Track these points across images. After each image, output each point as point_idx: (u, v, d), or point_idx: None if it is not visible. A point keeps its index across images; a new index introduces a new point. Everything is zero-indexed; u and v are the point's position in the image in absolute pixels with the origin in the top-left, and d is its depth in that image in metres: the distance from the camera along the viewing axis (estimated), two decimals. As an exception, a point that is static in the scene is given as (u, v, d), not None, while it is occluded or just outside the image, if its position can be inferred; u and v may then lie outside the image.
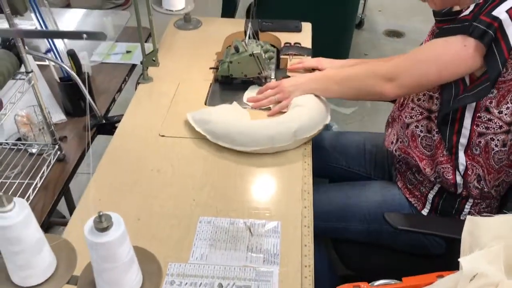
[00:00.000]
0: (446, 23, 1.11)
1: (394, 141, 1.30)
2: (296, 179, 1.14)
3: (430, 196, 1.23)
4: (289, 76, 1.49)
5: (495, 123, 1.10)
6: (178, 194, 1.09)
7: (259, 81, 1.44)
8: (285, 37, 1.72)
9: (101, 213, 0.55)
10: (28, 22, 1.79)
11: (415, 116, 1.22)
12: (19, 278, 0.62)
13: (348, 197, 1.32)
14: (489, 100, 1.08)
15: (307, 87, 1.30)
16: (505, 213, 0.79)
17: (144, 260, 0.66)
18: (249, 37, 1.47)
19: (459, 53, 1.04)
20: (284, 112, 1.29)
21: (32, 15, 1.38)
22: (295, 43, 1.66)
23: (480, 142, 1.13)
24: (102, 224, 0.55)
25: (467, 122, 1.12)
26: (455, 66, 1.05)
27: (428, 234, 1.14)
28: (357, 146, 1.50)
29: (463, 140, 1.14)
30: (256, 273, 0.92)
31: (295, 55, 1.61)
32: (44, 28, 1.37)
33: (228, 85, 1.45)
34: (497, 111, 1.08)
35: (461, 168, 1.15)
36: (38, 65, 1.43)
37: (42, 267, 0.63)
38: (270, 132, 1.18)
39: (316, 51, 1.66)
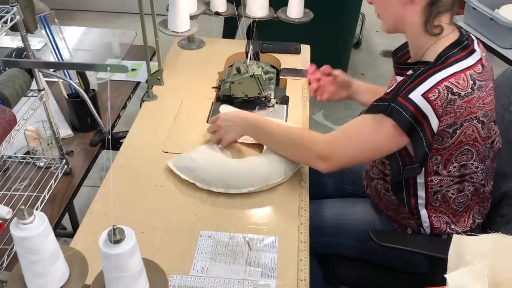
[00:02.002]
0: (404, 71, 1.14)
1: (366, 186, 1.37)
2: (293, 197, 1.19)
3: (409, 230, 1.28)
4: (287, 97, 1.55)
5: (446, 180, 1.15)
6: (180, 209, 1.14)
7: (259, 100, 1.50)
8: (284, 59, 1.78)
9: (115, 227, 0.60)
10: (37, 39, 1.86)
11: (375, 173, 1.29)
12: (35, 286, 0.67)
13: (340, 214, 1.37)
14: (436, 166, 1.13)
15: (241, 130, 1.28)
16: (489, 232, 0.84)
17: (152, 271, 0.70)
18: (250, 58, 1.53)
19: (388, 133, 1.06)
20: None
21: (43, 32, 1.44)
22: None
23: (437, 197, 1.18)
24: (116, 237, 0.60)
25: (421, 186, 1.17)
26: (386, 146, 1.09)
27: (409, 252, 1.19)
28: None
29: (421, 201, 1.19)
30: (254, 286, 0.96)
31: (294, 77, 1.68)
32: (54, 46, 1.43)
33: (229, 104, 1.51)
34: (446, 171, 1.13)
35: (425, 225, 1.21)
36: (46, 81, 1.49)
37: (57, 276, 0.67)
38: (263, 171, 1.19)
39: (314, 71, 1.72)
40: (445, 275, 0.78)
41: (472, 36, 1.12)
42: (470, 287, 0.78)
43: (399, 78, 1.15)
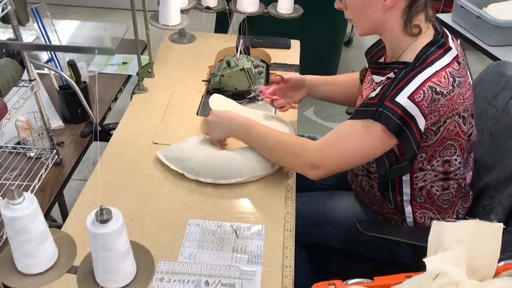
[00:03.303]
0: (380, 70, 1.17)
1: (351, 181, 1.40)
2: (280, 188, 1.22)
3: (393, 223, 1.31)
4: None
5: (430, 174, 1.18)
6: (169, 199, 1.16)
7: (249, 94, 1.52)
8: (275, 53, 1.81)
9: (102, 207, 0.62)
10: (29, 32, 1.87)
11: (360, 170, 1.31)
12: (24, 265, 0.68)
13: (328, 205, 1.39)
14: (420, 163, 1.16)
15: (227, 130, 1.26)
16: (467, 219, 0.87)
17: (139, 253, 0.72)
18: (240, 53, 1.55)
19: (377, 138, 1.08)
20: None
21: (35, 25, 1.46)
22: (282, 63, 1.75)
23: (422, 193, 1.21)
24: (103, 217, 0.62)
25: (406, 184, 1.20)
26: (376, 150, 1.11)
27: (394, 242, 1.22)
28: None
29: (406, 197, 1.22)
30: (240, 272, 0.99)
31: (284, 71, 1.70)
32: (46, 38, 1.44)
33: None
34: (430, 165, 1.17)
35: (409, 221, 1.25)
36: (38, 73, 1.50)
37: (45, 256, 0.69)
38: (252, 163, 1.21)
39: (305, 67, 1.75)
40: (424, 259, 0.81)
41: (446, 32, 1.15)
42: (447, 270, 0.80)
43: (376, 77, 1.18)
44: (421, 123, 1.05)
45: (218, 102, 1.42)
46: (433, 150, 1.14)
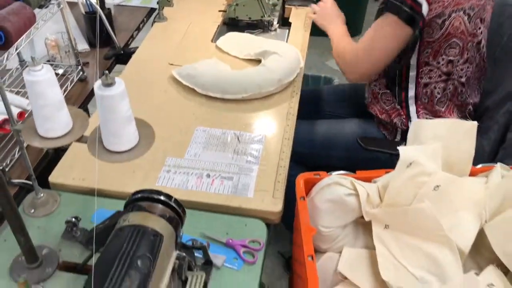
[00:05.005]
0: None
1: (367, 95, 1.47)
2: (284, 104, 1.30)
3: (398, 133, 1.37)
4: (290, 22, 1.63)
5: (435, 72, 1.26)
6: (180, 110, 1.26)
7: (262, 24, 1.59)
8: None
9: (106, 72, 0.72)
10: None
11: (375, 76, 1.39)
12: (44, 130, 0.80)
13: (332, 128, 1.47)
14: (426, 57, 1.24)
15: (327, 26, 1.45)
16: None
17: (142, 127, 0.83)
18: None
19: (396, 32, 1.18)
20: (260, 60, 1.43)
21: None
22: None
23: (426, 92, 1.29)
24: (107, 81, 0.72)
25: (412, 80, 1.29)
26: (396, 43, 1.20)
27: (394, 155, 1.29)
28: (342, 93, 1.66)
29: (411, 94, 1.30)
30: (239, 168, 1.09)
31: (299, 5, 1.75)
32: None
33: (234, 27, 1.61)
34: (435, 62, 1.25)
35: (414, 119, 1.31)
36: (67, 1, 1.61)
37: (62, 123, 0.80)
38: (257, 80, 1.29)
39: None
40: (398, 147, 0.88)
41: None
42: (420, 160, 0.87)
43: None
44: (425, 9, 1.14)
45: (226, 41, 1.51)
46: (438, 46, 1.21)
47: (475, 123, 0.91)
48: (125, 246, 0.67)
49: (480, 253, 0.90)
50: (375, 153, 1.33)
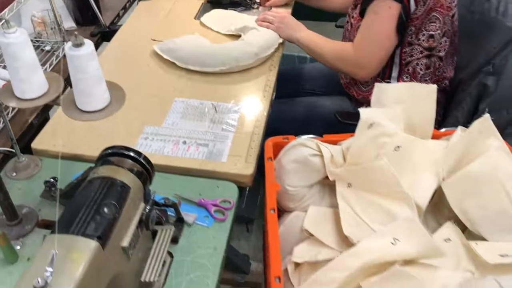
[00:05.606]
0: None
1: (342, 77, 1.51)
2: (261, 78, 1.33)
3: None
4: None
5: (417, 49, 1.31)
6: (160, 82, 1.30)
7: (245, 2, 1.62)
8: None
9: (76, 33, 0.76)
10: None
11: None
12: (20, 91, 0.84)
13: (312, 105, 1.51)
14: (409, 37, 1.29)
15: (295, 35, 1.43)
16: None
17: (113, 88, 0.87)
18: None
19: (389, 13, 1.22)
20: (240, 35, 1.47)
21: None
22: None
23: (408, 69, 1.34)
24: (77, 41, 0.76)
25: (396, 57, 1.33)
26: (393, 27, 1.24)
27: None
28: (320, 71, 1.70)
29: (394, 74, 1.35)
30: (214, 136, 1.13)
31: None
32: None
33: (217, 5, 1.64)
34: (416, 39, 1.29)
35: None
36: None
37: (37, 85, 0.85)
38: (235, 53, 1.33)
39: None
40: (359, 109, 0.92)
41: None
42: (381, 121, 0.91)
43: None
44: None
45: (210, 17, 1.55)
46: (421, 22, 1.26)
47: (434, 86, 0.95)
48: (93, 195, 0.71)
49: (441, 212, 0.95)
50: (354, 128, 1.37)
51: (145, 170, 0.80)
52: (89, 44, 0.77)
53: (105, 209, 0.70)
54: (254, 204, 1.70)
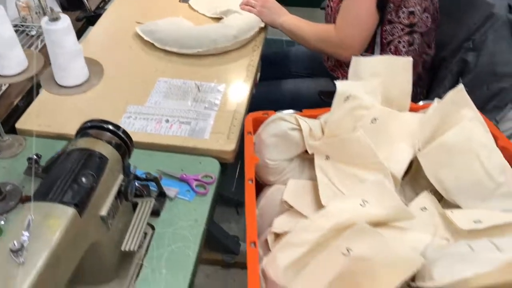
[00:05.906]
0: None
1: (326, 59, 1.52)
2: (244, 60, 1.34)
3: None
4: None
5: (397, 27, 1.31)
6: (143, 64, 1.31)
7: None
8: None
9: (51, 7, 0.77)
10: None
11: None
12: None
13: (297, 86, 1.53)
14: (389, 14, 1.29)
15: (277, 20, 1.44)
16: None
17: (91, 64, 0.88)
18: None
19: None
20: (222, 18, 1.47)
21: None
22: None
23: (390, 48, 1.34)
24: (53, 16, 0.77)
25: (377, 37, 1.33)
26: (375, 4, 1.24)
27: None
28: (305, 53, 1.71)
29: (377, 53, 1.35)
30: (197, 114, 1.14)
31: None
32: None
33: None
34: (396, 17, 1.29)
35: None
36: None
37: (15, 61, 0.86)
38: (213, 35, 1.33)
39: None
40: (335, 81, 0.93)
41: None
42: (358, 94, 0.93)
43: None
44: None
45: (199, 1, 1.56)
46: (400, 1, 1.26)
47: (410, 59, 0.96)
48: (71, 166, 0.73)
49: (418, 182, 0.96)
50: None
51: (124, 143, 0.82)
52: (65, 18, 0.78)
53: (83, 179, 0.72)
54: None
